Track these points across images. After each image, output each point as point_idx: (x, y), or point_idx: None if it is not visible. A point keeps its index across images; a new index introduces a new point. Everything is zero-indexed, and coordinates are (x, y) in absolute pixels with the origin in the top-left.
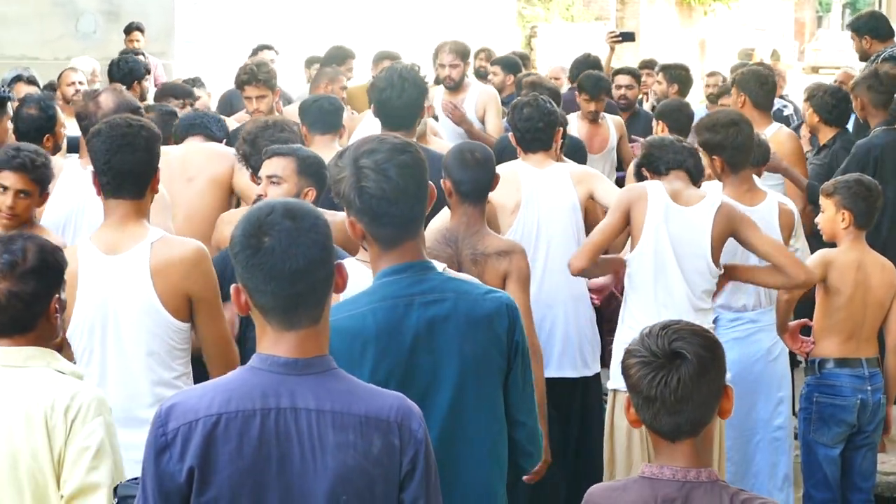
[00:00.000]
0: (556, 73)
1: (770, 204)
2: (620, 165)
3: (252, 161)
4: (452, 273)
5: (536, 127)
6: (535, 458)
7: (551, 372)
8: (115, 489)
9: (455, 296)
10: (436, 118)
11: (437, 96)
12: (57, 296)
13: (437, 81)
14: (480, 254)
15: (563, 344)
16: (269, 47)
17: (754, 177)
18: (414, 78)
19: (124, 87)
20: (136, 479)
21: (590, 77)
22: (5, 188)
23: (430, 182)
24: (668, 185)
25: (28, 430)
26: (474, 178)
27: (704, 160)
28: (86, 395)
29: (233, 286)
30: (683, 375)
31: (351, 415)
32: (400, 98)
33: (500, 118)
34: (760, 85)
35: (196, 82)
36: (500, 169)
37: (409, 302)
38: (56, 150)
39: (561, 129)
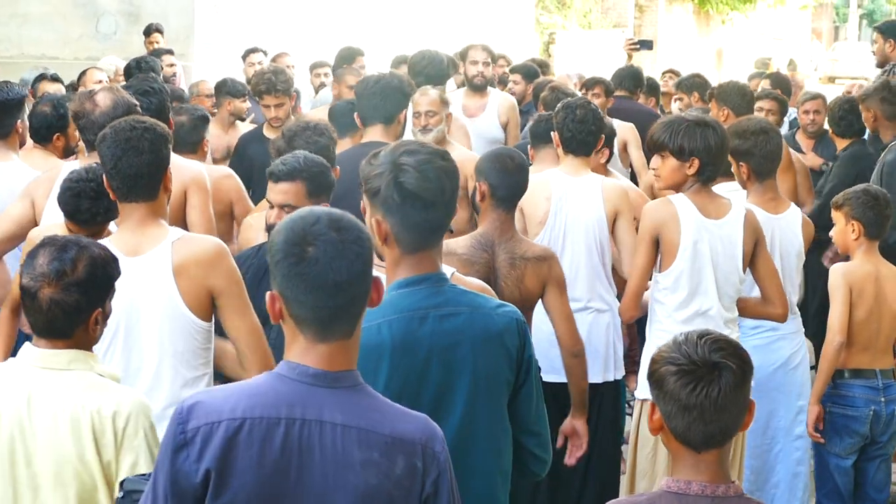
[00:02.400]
0: (563, 80)
1: (794, 213)
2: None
3: None
4: (463, 282)
5: (588, 130)
6: (547, 463)
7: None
8: (122, 483)
9: (469, 310)
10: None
11: (457, 99)
12: (100, 309)
13: (461, 84)
14: (520, 258)
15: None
16: (255, 50)
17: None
18: (396, 74)
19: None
20: (144, 475)
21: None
22: None
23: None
24: (693, 197)
25: (74, 433)
26: (513, 183)
27: (732, 167)
28: (130, 400)
29: (268, 293)
30: (724, 386)
31: (377, 433)
32: (377, 83)
33: (518, 129)
34: (742, 96)
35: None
36: (534, 177)
37: (423, 315)
38: (67, 150)
39: (604, 137)
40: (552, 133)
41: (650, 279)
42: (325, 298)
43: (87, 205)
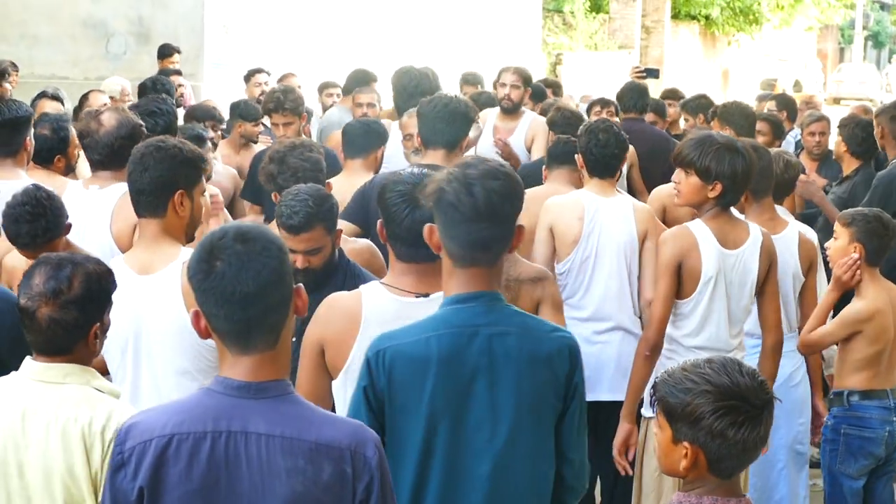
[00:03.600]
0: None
1: (791, 233)
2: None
3: (279, 179)
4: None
5: (612, 153)
6: (579, 492)
7: (604, 395)
8: None
9: (520, 331)
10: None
11: (490, 119)
12: (98, 323)
13: (493, 103)
14: (514, 280)
15: (614, 370)
16: (259, 71)
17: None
18: (462, 98)
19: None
20: None
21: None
22: None
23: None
24: (711, 223)
25: (64, 446)
26: None
27: None
28: (123, 414)
29: (192, 310)
30: (767, 423)
31: (301, 441)
32: (446, 107)
33: (544, 146)
34: (745, 117)
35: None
36: (566, 197)
37: (473, 332)
38: (68, 170)
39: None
40: (576, 156)
41: None
42: (237, 311)
43: (26, 228)
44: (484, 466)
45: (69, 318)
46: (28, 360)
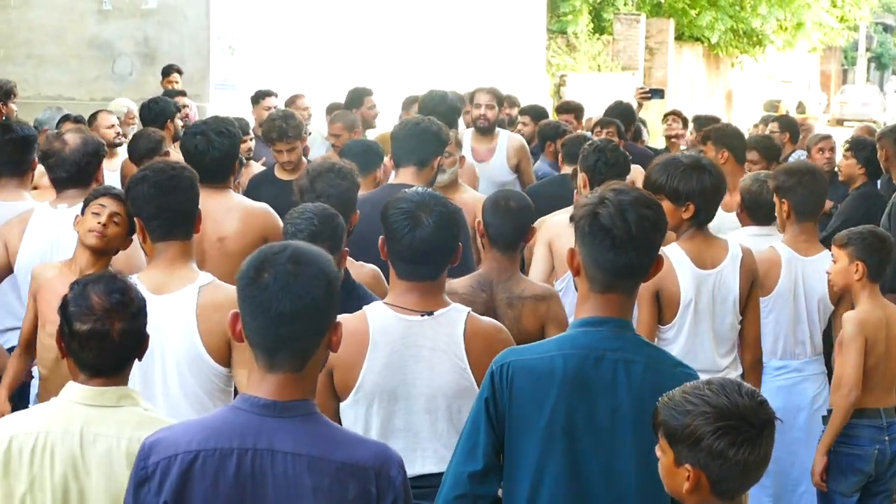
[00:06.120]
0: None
1: (824, 258)
2: None
3: (305, 198)
4: (478, 321)
5: (619, 171)
6: None
7: None
8: None
9: (646, 361)
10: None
11: (466, 141)
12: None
13: (468, 126)
14: (517, 297)
15: None
16: (269, 94)
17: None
18: (435, 119)
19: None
20: None
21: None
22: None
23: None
24: (687, 245)
25: (131, 468)
26: (506, 223)
27: (776, 203)
28: None
29: (232, 311)
30: (768, 442)
31: (328, 460)
32: (417, 126)
33: (531, 166)
34: (740, 139)
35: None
36: (566, 215)
37: (600, 356)
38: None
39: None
40: (580, 175)
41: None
42: (270, 326)
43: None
44: (599, 489)
45: (140, 326)
46: (73, 384)
